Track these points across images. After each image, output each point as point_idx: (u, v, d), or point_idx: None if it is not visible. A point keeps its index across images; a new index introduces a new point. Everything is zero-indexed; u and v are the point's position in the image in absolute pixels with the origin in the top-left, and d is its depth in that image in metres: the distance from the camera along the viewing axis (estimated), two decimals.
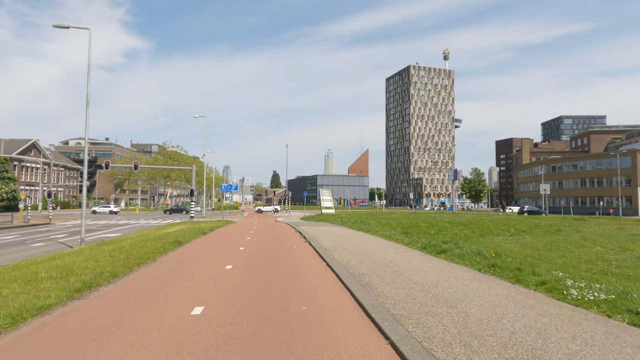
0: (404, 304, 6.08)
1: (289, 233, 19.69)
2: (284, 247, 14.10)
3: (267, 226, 26.49)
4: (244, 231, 21.74)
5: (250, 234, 19.77)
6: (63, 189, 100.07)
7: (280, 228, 23.91)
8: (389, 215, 40.06)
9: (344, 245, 13.33)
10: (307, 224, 24.87)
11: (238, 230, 22.81)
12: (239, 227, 25.54)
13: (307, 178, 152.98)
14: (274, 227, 24.75)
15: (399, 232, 22.31)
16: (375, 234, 16.54)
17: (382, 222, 24.65)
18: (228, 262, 10.63)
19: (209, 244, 15.15)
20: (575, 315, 5.47)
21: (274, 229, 22.87)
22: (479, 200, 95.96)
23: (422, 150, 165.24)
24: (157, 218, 46.37)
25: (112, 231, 26.87)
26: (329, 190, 43.05)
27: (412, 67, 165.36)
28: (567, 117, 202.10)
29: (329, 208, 42.09)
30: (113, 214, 60.84)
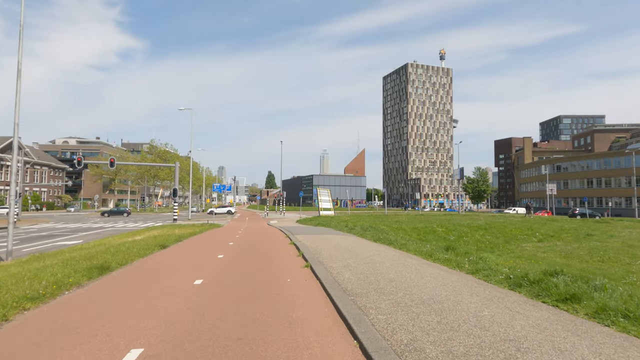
0: None
1: (282, 246, 14.82)
2: (270, 281, 8.05)
3: (255, 233, 22.29)
4: (223, 241, 17.30)
5: (228, 246, 15.24)
6: (47, 189, 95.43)
7: (270, 237, 19.53)
8: (395, 217, 36.20)
9: (373, 278, 7.59)
10: (305, 231, 20.50)
11: (217, 239, 18.53)
12: (221, 235, 21.43)
13: (303, 178, 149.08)
14: (262, 236, 20.45)
15: (416, 238, 18.55)
16: (403, 247, 11.76)
17: (394, 226, 20.88)
18: (149, 327, 5.10)
19: (155, 269, 9.54)
20: None
21: (261, 239, 18.02)
22: (481, 200, 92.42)
23: (420, 149, 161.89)
24: (139, 220, 42.30)
25: (75, 237, 22.84)
26: (328, 190, 38.94)
27: (410, 65, 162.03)
28: (566, 116, 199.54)
29: (327, 210, 38.05)
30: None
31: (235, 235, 23.00)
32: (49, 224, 37.16)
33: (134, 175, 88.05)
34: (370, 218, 31.40)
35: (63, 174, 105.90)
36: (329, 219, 30.46)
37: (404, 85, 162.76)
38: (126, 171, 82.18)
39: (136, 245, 13.58)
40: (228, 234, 22.83)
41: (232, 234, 23.47)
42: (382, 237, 14.33)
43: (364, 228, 17.66)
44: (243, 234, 22.73)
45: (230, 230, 24.10)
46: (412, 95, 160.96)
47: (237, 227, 27.53)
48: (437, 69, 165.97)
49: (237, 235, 23.35)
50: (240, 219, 45.71)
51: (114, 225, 33.57)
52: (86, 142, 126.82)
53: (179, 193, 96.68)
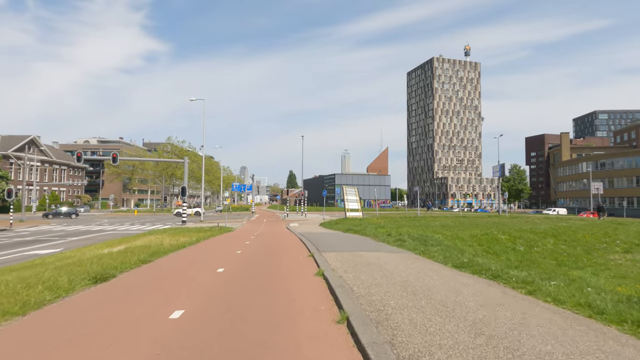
0: None
1: (300, 267, 9.86)
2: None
3: (270, 241, 17.86)
4: (226, 253, 13.21)
5: (230, 261, 11.06)
6: (66, 189, 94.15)
7: (286, 248, 14.53)
8: (433, 219, 31.38)
9: None
10: (335, 242, 14.80)
11: (218, 250, 14.09)
12: (227, 243, 16.98)
13: (325, 177, 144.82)
14: (277, 245, 15.71)
15: (481, 250, 13.93)
16: (510, 281, 7.01)
17: (447, 233, 16.29)
18: None
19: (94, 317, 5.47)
20: None
21: (274, 252, 13.56)
22: (518, 200, 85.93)
23: (446, 147, 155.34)
24: (147, 222, 38.83)
25: (56, 245, 19.15)
26: (355, 189, 34.24)
27: (436, 60, 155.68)
28: (602, 112, 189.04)
29: (354, 210, 33.38)
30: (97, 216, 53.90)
31: (248, 240, 18.89)
32: (50, 226, 34.04)
33: (152, 175, 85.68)
34: (406, 221, 26.88)
35: (83, 174, 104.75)
36: (359, 222, 25.98)
37: (430, 81, 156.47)
38: (143, 169, 79.70)
39: (102, 262, 9.69)
40: (240, 240, 18.77)
41: (244, 239, 19.39)
42: (455, 256, 9.53)
43: (416, 238, 12.98)
44: (255, 240, 18.58)
45: (238, 237, 19.86)
46: (438, 90, 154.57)
47: (249, 232, 23.42)
48: (464, 62, 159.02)
49: (250, 239, 19.23)
50: (257, 220, 41.75)
51: (116, 228, 30.05)
52: (107, 141, 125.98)
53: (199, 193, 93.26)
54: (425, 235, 14.48)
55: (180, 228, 24.72)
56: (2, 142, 77.76)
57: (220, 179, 70.05)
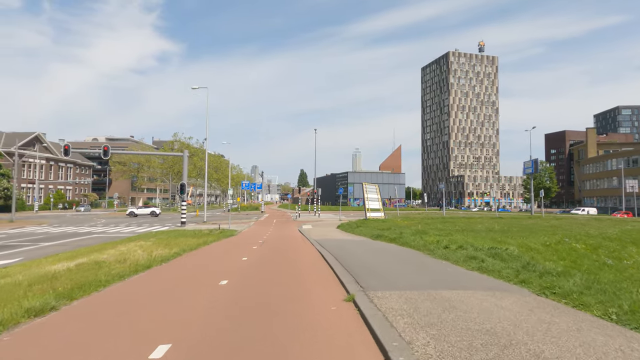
0: None
1: (339, 342, 4.66)
2: None
3: (277, 255, 13.21)
4: (216, 272, 9.62)
5: (201, 308, 6.09)
6: (72, 187, 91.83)
7: (302, 271, 10.03)
8: (469, 221, 27.25)
9: None
10: (373, 259, 10.68)
11: (196, 275, 9.54)
12: (217, 258, 12.93)
13: (337, 175, 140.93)
14: (287, 263, 11.51)
15: (562, 263, 10.04)
16: None
17: (512, 242, 12.46)
18: None
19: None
20: None
21: (282, 281, 8.59)
22: (546, 199, 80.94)
23: (462, 145, 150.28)
24: (145, 223, 35.52)
25: (19, 253, 15.72)
26: (376, 186, 30.22)
27: (452, 54, 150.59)
28: (626, 107, 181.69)
29: (376, 210, 29.50)
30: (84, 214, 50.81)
31: (251, 247, 15.24)
32: (39, 227, 30.85)
33: (159, 172, 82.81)
34: (441, 223, 23.02)
35: (90, 172, 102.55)
36: (386, 224, 22.08)
37: (445, 76, 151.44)
38: (150, 167, 76.80)
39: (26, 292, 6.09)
40: (241, 248, 15.13)
41: (247, 246, 15.76)
42: (616, 299, 5.37)
43: (492, 254, 9.10)
44: (259, 249, 14.92)
45: (237, 247, 16.01)
46: (454, 86, 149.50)
47: (254, 238, 19.73)
48: (481, 57, 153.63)
49: (254, 247, 15.57)
50: (266, 221, 38.16)
51: (106, 231, 26.69)
52: (115, 139, 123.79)
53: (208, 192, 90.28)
54: (495, 247, 10.51)
55: (174, 232, 21.20)
56: (5, 139, 75.53)
57: (229, 177, 66.69)
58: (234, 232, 21.50)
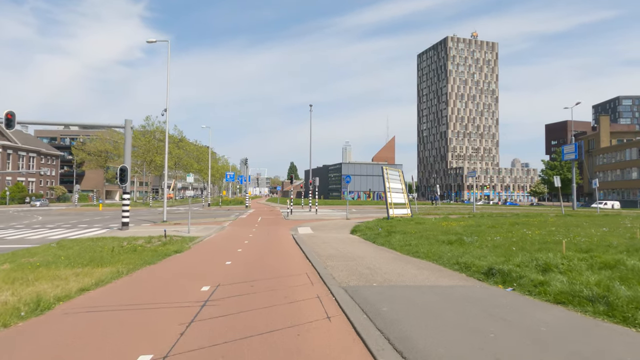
0: None
1: None
2: None
3: (252, 318, 5.19)
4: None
5: None
6: (35, 179, 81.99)
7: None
8: (522, 220, 18.86)
9: None
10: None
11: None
12: (100, 333, 4.51)
13: (330, 167, 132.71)
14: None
15: None
16: None
17: None
18: None
19: None
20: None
21: None
22: (567, 191, 73.64)
23: (461, 135, 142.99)
24: (94, 224, 26.96)
25: None
26: (399, 171, 21.87)
27: (450, 39, 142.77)
28: (627, 97, 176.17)
29: (401, 206, 21.43)
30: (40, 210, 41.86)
31: (202, 281, 6.80)
32: None
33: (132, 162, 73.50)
34: (493, 223, 15.13)
35: (58, 162, 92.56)
36: (439, 227, 13.71)
37: (443, 62, 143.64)
38: (119, 156, 67.74)
39: None
40: (118, 339, 6.54)
41: (143, 329, 6.98)
42: None
43: None
44: (189, 338, 5.71)
45: (177, 279, 7.67)
46: (452, 73, 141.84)
47: (219, 255, 11.33)
48: (481, 42, 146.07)
49: (210, 277, 7.10)
50: (248, 219, 29.78)
51: (8, 236, 18.09)
52: (89, 126, 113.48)
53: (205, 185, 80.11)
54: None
55: (88, 242, 12.77)
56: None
57: (209, 166, 58.42)
58: (186, 244, 13.11)
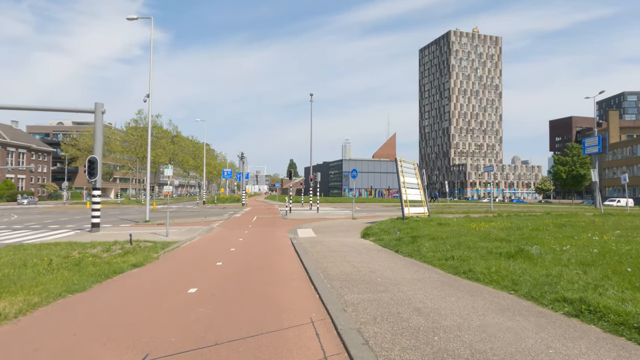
0: None
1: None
2: None
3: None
4: None
5: None
6: (25, 176, 79.04)
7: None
8: (574, 221, 15.89)
9: None
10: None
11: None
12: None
13: (330, 164, 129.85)
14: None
15: None
16: None
17: None
18: None
19: None
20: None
21: None
22: (578, 188, 70.77)
23: (464, 131, 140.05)
24: (67, 224, 24.14)
25: None
26: (414, 164, 19.07)
27: (453, 34, 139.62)
28: (631, 93, 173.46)
29: (417, 204, 18.60)
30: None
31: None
32: None
33: (126, 159, 70.85)
34: (526, 222, 12.39)
35: (49, 159, 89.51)
36: (476, 234, 10.81)
37: (446, 57, 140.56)
38: (110, 151, 64.92)
39: None
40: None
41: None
42: None
43: None
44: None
45: (110, 317, 5.05)
46: (455, 68, 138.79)
47: (195, 267, 8.57)
48: (484, 37, 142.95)
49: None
50: (242, 220, 26.94)
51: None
52: (82, 123, 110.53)
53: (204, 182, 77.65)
54: None
55: (29, 249, 9.92)
56: None
57: (204, 161, 55.78)
58: (154, 253, 10.26)
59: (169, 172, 17.52)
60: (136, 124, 58.39)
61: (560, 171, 67.44)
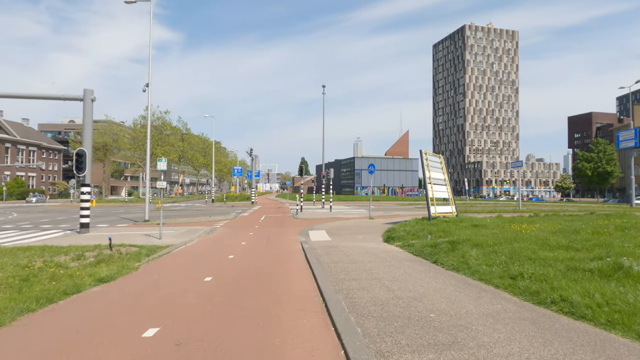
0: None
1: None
2: None
3: None
4: None
5: None
6: (36, 174, 78.62)
7: None
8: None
9: None
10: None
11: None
12: None
13: (342, 161, 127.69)
14: None
15: None
16: None
17: None
18: None
19: None
20: None
21: None
22: (603, 186, 67.47)
23: (479, 128, 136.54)
24: (66, 223, 22.70)
25: None
26: (441, 157, 16.99)
27: (468, 28, 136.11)
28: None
29: (444, 203, 16.34)
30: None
31: None
32: None
33: (137, 157, 69.84)
34: (575, 224, 10.41)
35: (60, 157, 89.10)
36: (522, 241, 8.75)
37: (461, 52, 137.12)
38: (119, 149, 63.86)
39: None
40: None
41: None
42: None
43: None
44: None
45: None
46: (470, 63, 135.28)
47: (179, 283, 6.72)
48: (500, 31, 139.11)
49: None
50: (249, 219, 25.23)
51: None
52: (94, 121, 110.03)
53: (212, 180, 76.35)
54: None
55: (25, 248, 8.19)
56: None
57: (213, 158, 54.31)
58: (136, 262, 8.49)
59: (163, 165, 15.78)
60: (144, 121, 57.04)
61: (585, 168, 64.07)
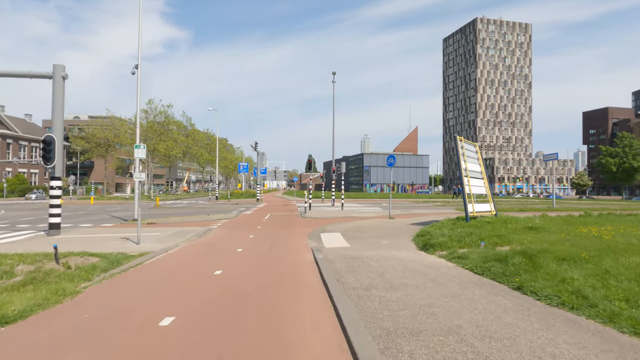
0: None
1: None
2: None
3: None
4: None
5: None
6: (38, 171, 76.91)
7: None
8: None
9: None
10: None
11: None
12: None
13: (350, 158, 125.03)
14: None
15: None
16: None
17: None
18: None
19: None
20: None
21: None
22: (629, 183, 64.15)
23: (491, 124, 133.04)
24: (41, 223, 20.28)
25: None
26: (476, 145, 14.59)
27: (480, 21, 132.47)
28: None
29: (482, 200, 14.20)
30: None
31: None
32: None
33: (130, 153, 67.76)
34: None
35: (64, 153, 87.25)
36: (616, 253, 6.23)
37: (472, 46, 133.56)
38: (121, 145, 61.84)
39: None
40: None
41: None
42: None
43: None
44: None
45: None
46: (481, 57, 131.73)
47: (120, 333, 4.22)
48: (513, 24, 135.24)
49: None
50: (251, 217, 22.80)
51: None
52: (98, 117, 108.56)
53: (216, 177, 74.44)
54: None
55: None
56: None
57: (216, 155, 52.03)
58: (78, 284, 6.11)
59: (140, 153, 13.41)
60: (146, 115, 55.01)
61: (609, 163, 60.56)
